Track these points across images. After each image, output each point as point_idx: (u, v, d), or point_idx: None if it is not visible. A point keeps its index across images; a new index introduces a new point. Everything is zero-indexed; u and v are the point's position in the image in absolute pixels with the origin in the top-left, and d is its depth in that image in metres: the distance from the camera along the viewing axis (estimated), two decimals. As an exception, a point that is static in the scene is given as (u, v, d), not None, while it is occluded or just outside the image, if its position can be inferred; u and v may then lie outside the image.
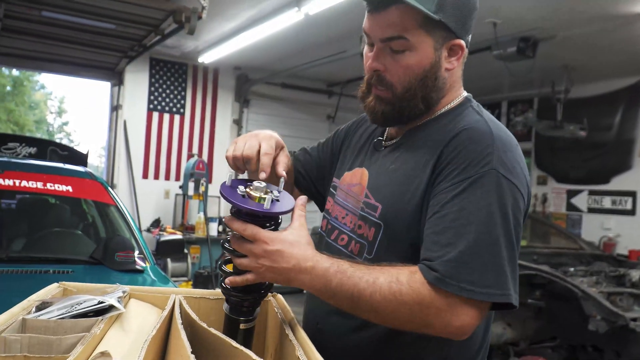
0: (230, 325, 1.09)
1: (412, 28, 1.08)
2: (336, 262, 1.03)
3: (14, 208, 3.70)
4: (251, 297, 1.08)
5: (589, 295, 4.32)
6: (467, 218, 1.00)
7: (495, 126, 1.10)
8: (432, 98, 1.15)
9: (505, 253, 1.00)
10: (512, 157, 1.06)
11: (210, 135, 8.02)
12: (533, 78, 6.52)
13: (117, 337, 0.92)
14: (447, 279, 0.96)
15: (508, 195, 1.02)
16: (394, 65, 1.12)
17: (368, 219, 1.16)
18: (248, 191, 1.03)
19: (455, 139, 1.07)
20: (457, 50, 1.14)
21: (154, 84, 7.65)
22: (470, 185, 1.02)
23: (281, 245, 1.01)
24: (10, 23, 5.47)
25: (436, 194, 1.05)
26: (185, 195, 7.26)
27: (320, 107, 8.56)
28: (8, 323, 0.89)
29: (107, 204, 3.35)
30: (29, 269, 2.54)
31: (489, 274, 0.97)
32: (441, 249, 0.99)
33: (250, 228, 1.01)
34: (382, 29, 1.10)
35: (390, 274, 1.00)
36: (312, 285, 1.02)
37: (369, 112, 1.20)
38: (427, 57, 1.11)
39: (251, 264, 1.02)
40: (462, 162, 1.04)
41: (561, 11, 4.76)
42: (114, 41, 6.05)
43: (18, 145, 4.08)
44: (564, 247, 5.66)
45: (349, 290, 1.00)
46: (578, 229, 7.38)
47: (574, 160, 7.46)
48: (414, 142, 1.17)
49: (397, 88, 1.13)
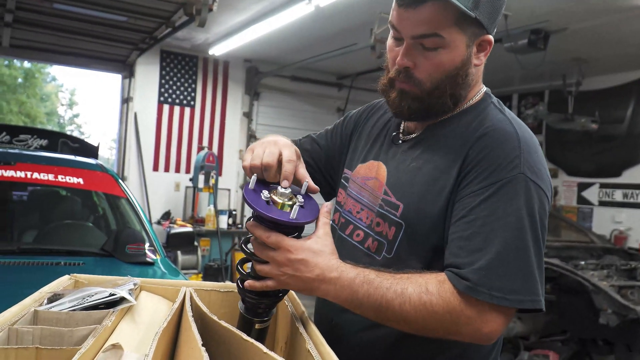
0: (245, 324, 1.09)
1: (447, 25, 1.05)
2: (362, 271, 1.01)
3: (25, 200, 3.73)
4: (268, 300, 1.07)
5: (600, 288, 4.30)
6: (496, 223, 0.99)
7: (518, 126, 1.09)
8: (460, 95, 1.14)
9: (534, 258, 0.99)
10: (537, 159, 1.05)
11: (221, 128, 8.03)
12: (544, 71, 6.47)
13: (128, 329, 0.93)
14: (479, 287, 0.96)
15: (536, 199, 1.01)
16: (424, 63, 1.09)
17: (388, 217, 1.14)
18: (272, 196, 1.01)
19: (481, 140, 1.06)
20: (485, 46, 1.12)
21: (164, 76, 7.67)
22: (499, 190, 1.00)
23: (305, 254, 1.00)
24: (22, 15, 5.50)
25: (462, 198, 1.04)
26: (196, 187, 7.28)
27: (330, 99, 8.54)
28: (20, 315, 0.90)
29: (118, 197, 3.37)
30: (40, 260, 2.57)
31: (518, 280, 0.97)
32: (469, 255, 0.98)
33: (274, 236, 1.00)
34: (415, 25, 1.06)
35: (418, 284, 0.99)
36: (337, 295, 1.01)
37: (393, 106, 1.16)
38: (459, 55, 1.09)
39: (273, 271, 1.01)
40: (489, 165, 1.03)
41: (572, 3, 4.71)
42: (125, 33, 6.07)
43: (29, 138, 4.10)
44: (575, 240, 5.63)
45: (376, 301, 0.99)
46: (589, 222, 7.33)
47: (584, 153, 7.40)
48: (436, 139, 1.14)
49: (426, 84, 1.11)
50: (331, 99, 8.55)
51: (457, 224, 1.03)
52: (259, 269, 1.03)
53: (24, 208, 3.58)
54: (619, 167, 7.08)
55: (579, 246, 5.40)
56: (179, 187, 7.73)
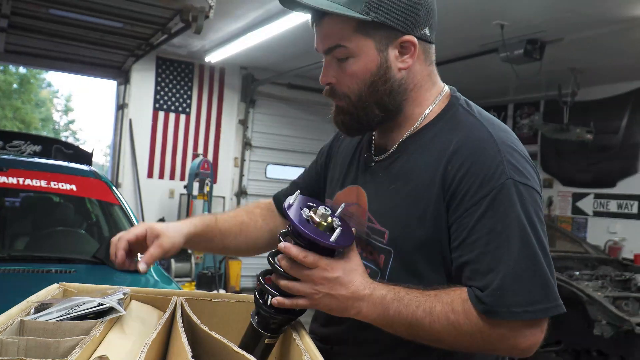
0: (254, 336, 1.08)
1: (348, 34, 1.06)
2: (392, 289, 1.01)
3: (17, 206, 3.70)
4: (285, 317, 1.06)
5: (594, 299, 4.29)
6: (499, 239, 0.97)
7: (492, 126, 1.06)
8: (386, 102, 1.10)
9: (544, 261, 0.98)
10: (519, 157, 1.03)
11: (216, 135, 8.02)
12: (540, 81, 6.49)
13: (116, 340, 0.91)
14: (496, 308, 0.95)
15: (529, 200, 1.00)
16: (342, 75, 1.10)
17: (376, 245, 1.12)
18: (312, 215, 1.02)
19: (458, 154, 1.03)
20: (408, 47, 1.08)
21: (160, 83, 7.66)
22: (493, 202, 0.99)
23: (341, 272, 1.01)
24: (18, 20, 5.48)
25: (458, 218, 1.01)
26: (190, 195, 7.26)
27: (326, 107, 8.27)
28: (6, 325, 0.88)
29: (112, 204, 3.35)
30: (31, 268, 2.54)
31: (536, 290, 0.96)
32: (483, 278, 0.97)
33: (311, 256, 1.00)
34: (322, 41, 1.11)
35: (445, 303, 0.98)
36: (368, 313, 1.01)
37: (334, 123, 1.18)
38: (371, 61, 1.07)
39: (306, 290, 1.01)
40: (475, 179, 1.00)
41: (568, 14, 4.73)
42: (121, 40, 6.06)
43: (23, 143, 4.08)
44: (569, 250, 5.63)
45: (407, 319, 0.99)
46: (583, 233, 7.34)
47: (580, 163, 7.42)
48: (409, 156, 1.12)
49: (350, 97, 1.11)
50: (327, 107, 8.40)
51: (461, 247, 1.01)
52: (289, 287, 1.02)
53: (15, 214, 3.55)
54: (613, 177, 7.11)
55: (573, 256, 5.40)
56: (173, 194, 7.70)
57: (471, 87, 7.44)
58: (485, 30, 5.25)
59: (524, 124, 8.23)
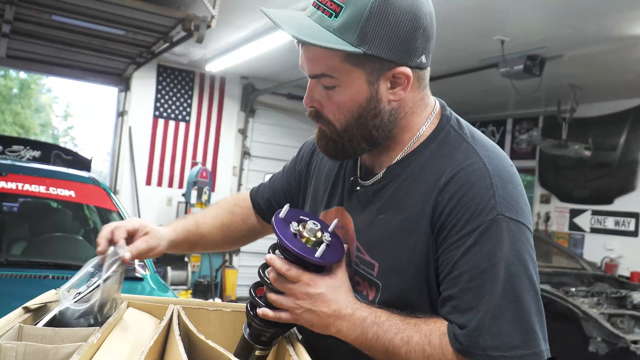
0: (246, 348, 1.08)
1: (336, 64, 0.98)
2: (374, 312, 1.00)
3: (15, 211, 3.70)
4: (275, 330, 1.06)
5: (590, 316, 4.29)
6: (483, 276, 0.92)
7: (485, 153, 1.01)
8: (374, 137, 1.04)
9: (531, 303, 0.93)
10: (513, 190, 0.98)
11: (215, 144, 8.03)
12: (539, 96, 6.53)
13: (114, 347, 0.91)
14: (472, 349, 0.91)
15: (519, 238, 0.95)
16: (327, 102, 1.03)
17: (367, 277, 1.07)
18: (300, 230, 1.01)
19: (450, 185, 0.98)
20: (401, 80, 1.00)
21: (160, 90, 7.68)
22: (480, 238, 0.93)
23: (324, 289, 0.99)
24: (20, 26, 5.50)
25: (444, 251, 0.97)
26: (188, 203, 7.26)
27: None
28: (4, 330, 0.88)
29: (110, 210, 3.35)
30: (28, 273, 2.54)
31: (515, 334, 0.91)
32: (462, 316, 0.93)
33: (294, 270, 0.99)
34: (308, 64, 1.01)
35: (423, 335, 0.95)
36: (347, 333, 1.00)
37: (317, 145, 1.11)
38: (360, 93, 1.00)
39: (289, 304, 1.00)
40: (465, 212, 0.95)
41: (569, 31, 4.77)
42: (123, 47, 6.08)
43: (22, 148, 4.09)
44: (566, 266, 5.64)
45: (384, 345, 0.97)
46: (580, 249, 7.35)
47: (577, 179, 7.44)
48: (399, 183, 1.05)
49: (336, 125, 1.04)
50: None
51: (445, 281, 0.97)
52: (274, 299, 1.02)
53: (13, 219, 3.55)
54: (611, 194, 7.12)
55: (569, 273, 5.40)
56: (171, 202, 7.70)
57: (470, 101, 7.48)
58: (486, 45, 5.29)
59: (523, 139, 8.25)
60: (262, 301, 1.05)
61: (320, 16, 0.97)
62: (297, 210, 1.07)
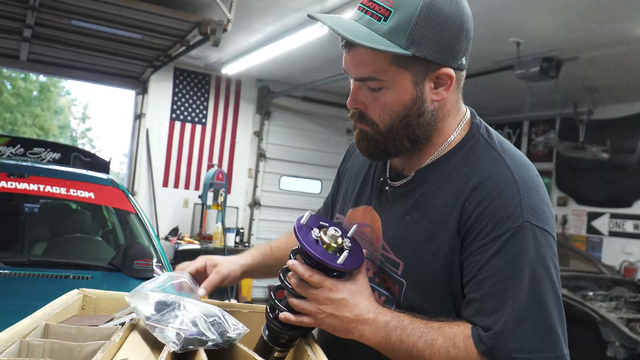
0: (265, 349, 1.10)
1: (383, 67, 1.01)
2: (397, 316, 1.01)
3: (36, 212, 3.76)
4: (294, 333, 1.08)
5: (608, 320, 4.25)
6: (508, 281, 0.95)
7: (514, 164, 1.04)
8: (418, 135, 1.07)
9: (554, 308, 0.96)
10: (539, 200, 1.01)
11: (231, 146, 8.09)
12: (555, 98, 6.48)
13: (136, 345, 0.94)
14: (496, 352, 0.93)
15: (545, 245, 0.97)
16: (372, 103, 1.05)
17: (390, 275, 1.10)
18: (322, 236, 1.03)
19: (477, 191, 1.01)
20: (445, 80, 1.04)
21: (177, 93, 7.75)
22: (506, 244, 0.96)
23: (346, 294, 1.01)
24: (41, 31, 5.60)
25: (470, 255, 1.00)
26: (204, 205, 7.32)
27: (340, 121, 8.58)
28: (31, 328, 0.91)
29: (128, 212, 3.39)
30: (49, 273, 2.58)
31: (539, 338, 0.93)
32: (487, 319, 0.95)
33: (317, 276, 1.01)
34: (354, 68, 1.04)
35: (447, 337, 0.97)
36: (370, 337, 1.01)
37: (357, 146, 1.14)
38: (406, 93, 1.03)
39: (311, 309, 1.02)
40: (491, 218, 0.98)
41: (585, 32, 4.74)
42: (140, 51, 6.16)
43: (43, 151, 4.16)
44: (583, 270, 5.58)
45: (407, 348, 0.98)
46: (598, 253, 7.27)
47: (595, 182, 7.37)
48: (427, 187, 1.09)
49: (379, 125, 1.06)
50: (341, 120, 8.60)
51: (470, 284, 0.99)
52: (295, 304, 1.04)
53: (34, 220, 3.61)
54: (630, 197, 7.04)
55: (587, 276, 5.35)
56: (187, 203, 7.76)
57: (486, 103, 7.45)
58: (502, 47, 5.27)
59: (539, 141, 8.20)
60: (283, 304, 1.07)
61: (369, 20, 1.00)
62: (318, 216, 1.09)
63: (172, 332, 0.91)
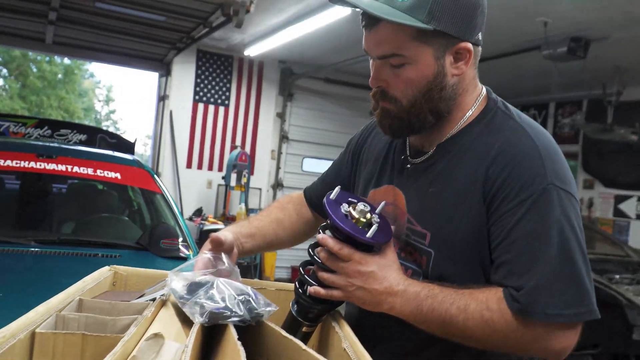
0: (293, 324, 1.11)
1: (405, 43, 1.04)
2: (427, 286, 1.03)
3: (64, 192, 3.83)
4: (323, 307, 1.09)
5: (635, 304, 4.21)
6: (538, 241, 0.97)
7: (533, 131, 1.06)
8: (441, 109, 1.10)
9: (582, 265, 0.98)
10: (560, 164, 1.03)
11: (254, 128, 8.11)
12: (583, 79, 6.36)
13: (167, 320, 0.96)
14: (530, 308, 0.95)
15: (569, 206, 1.00)
16: (395, 80, 1.08)
17: (417, 247, 1.12)
18: (350, 211, 1.04)
19: (499, 158, 1.04)
20: (464, 54, 1.07)
21: (200, 75, 7.78)
22: (533, 205, 0.99)
23: (375, 267, 1.02)
24: (66, 13, 5.65)
25: (497, 220, 1.02)
26: (228, 186, 7.37)
27: (363, 102, 8.50)
28: (66, 302, 0.94)
29: (154, 192, 3.43)
30: (78, 251, 2.64)
31: (571, 294, 0.96)
32: (520, 279, 0.97)
33: (346, 249, 1.02)
34: (376, 46, 1.07)
35: (480, 301, 0.99)
36: (402, 309, 1.02)
37: (379, 125, 1.16)
38: (428, 68, 1.06)
39: (341, 282, 1.03)
40: (516, 182, 1.01)
41: (614, 12, 4.62)
42: (164, 33, 6.19)
43: (69, 132, 4.22)
44: (610, 253, 5.52)
45: (440, 316, 1.00)
46: (625, 236, 7.16)
47: (623, 164, 7.23)
48: (448, 159, 1.11)
49: (403, 102, 1.09)
50: (364, 101, 8.50)
51: (499, 248, 1.01)
52: (324, 277, 1.05)
53: (63, 200, 3.68)
54: (658, 180, 6.91)
55: (613, 260, 5.29)
56: (210, 184, 7.83)
57: (512, 84, 7.34)
58: (528, 27, 5.17)
59: (565, 123, 8.06)
60: (313, 279, 1.08)
61: None
62: (346, 193, 1.09)
63: (199, 306, 0.92)
